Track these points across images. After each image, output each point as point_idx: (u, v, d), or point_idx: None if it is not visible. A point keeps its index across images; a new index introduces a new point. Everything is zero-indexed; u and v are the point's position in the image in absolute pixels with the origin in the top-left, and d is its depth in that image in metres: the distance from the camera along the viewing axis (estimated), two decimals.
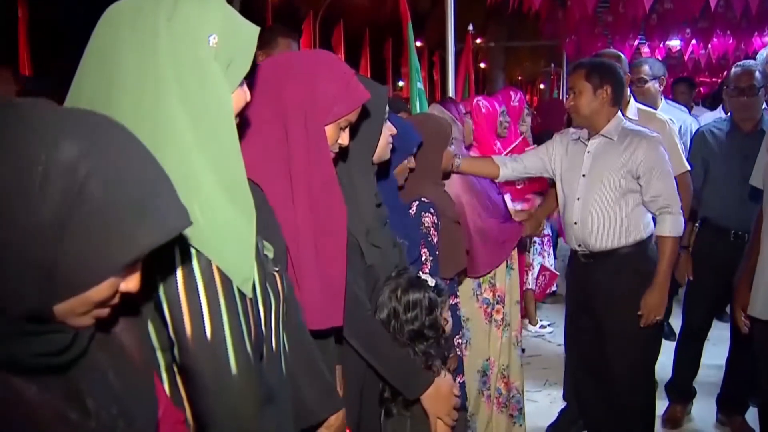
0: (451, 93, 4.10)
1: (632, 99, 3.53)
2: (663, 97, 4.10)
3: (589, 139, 2.96)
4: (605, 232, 2.91)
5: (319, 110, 1.58)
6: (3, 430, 0.84)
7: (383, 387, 1.90)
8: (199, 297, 1.14)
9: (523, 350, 3.45)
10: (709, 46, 8.50)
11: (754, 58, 8.99)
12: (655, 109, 3.66)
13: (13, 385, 0.85)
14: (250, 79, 1.64)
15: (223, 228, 1.17)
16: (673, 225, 2.86)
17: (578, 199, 2.96)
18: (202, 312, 1.14)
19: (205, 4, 1.20)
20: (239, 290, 1.19)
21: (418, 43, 14.26)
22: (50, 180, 0.78)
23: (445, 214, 2.49)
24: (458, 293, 2.70)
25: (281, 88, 1.59)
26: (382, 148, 1.90)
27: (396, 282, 1.88)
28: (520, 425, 3.22)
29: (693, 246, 3.59)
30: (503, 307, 3.15)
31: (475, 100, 3.62)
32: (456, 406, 1.89)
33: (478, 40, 16.24)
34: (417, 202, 2.34)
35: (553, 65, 17.17)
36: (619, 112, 2.95)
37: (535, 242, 4.81)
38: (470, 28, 5.83)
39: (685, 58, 9.32)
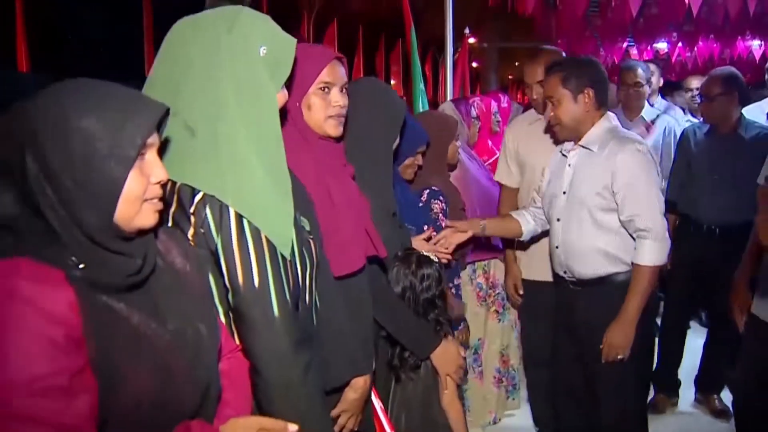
0: (449, 93, 4.35)
1: None
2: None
3: (570, 151, 2.61)
4: (590, 259, 2.55)
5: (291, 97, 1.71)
6: (112, 337, 1.11)
7: (391, 355, 2.15)
8: (249, 254, 1.42)
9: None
10: (695, 49, 8.77)
11: (740, 62, 9.24)
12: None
13: (114, 306, 1.14)
14: None
15: (269, 204, 1.45)
16: (651, 252, 2.46)
17: (558, 220, 2.63)
18: (251, 265, 1.42)
19: (258, 21, 1.48)
20: (281, 253, 1.47)
21: None
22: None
23: (453, 202, 2.75)
24: (461, 275, 2.95)
25: None
26: None
27: (407, 260, 2.14)
28: (513, 399, 3.51)
29: (672, 238, 3.82)
30: (494, 291, 3.40)
31: (471, 101, 3.85)
32: (462, 367, 2.14)
33: (471, 40, 16.47)
34: (428, 191, 2.60)
35: None
36: (607, 115, 2.59)
37: None
38: (467, 30, 6.06)
39: (672, 60, 9.59)
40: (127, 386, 1.11)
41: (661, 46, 9.30)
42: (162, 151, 1.34)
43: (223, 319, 1.48)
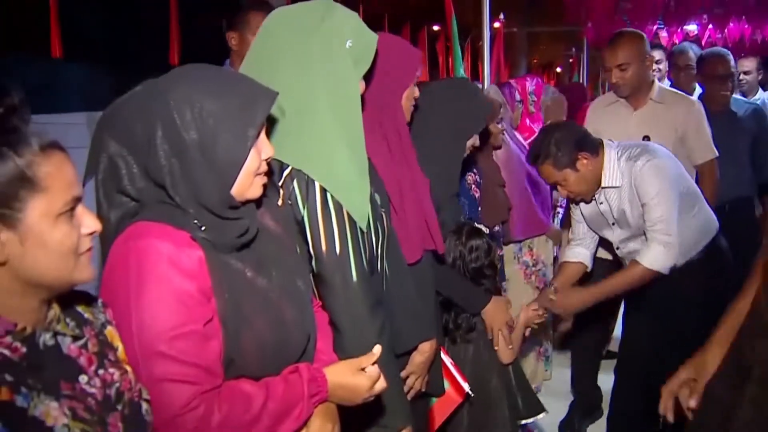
0: (486, 78, 4.47)
1: (656, 81, 3.35)
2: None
3: (595, 195, 2.66)
4: None
5: (388, 88, 1.90)
6: (234, 290, 1.30)
7: (446, 320, 2.34)
8: (332, 225, 1.61)
9: None
10: (725, 30, 8.76)
11: None
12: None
13: (231, 263, 1.32)
14: None
15: (350, 181, 1.63)
16: (655, 257, 2.50)
17: (617, 248, 2.74)
18: (334, 234, 1.61)
19: (346, 17, 1.66)
20: (359, 225, 1.65)
21: (436, 28, 14.58)
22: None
23: (491, 177, 2.92)
24: (502, 249, 3.13)
25: None
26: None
27: (458, 231, 2.32)
28: (546, 370, 3.73)
29: None
30: (536, 268, 3.57)
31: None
32: (510, 324, 2.33)
33: (496, 25, 16.47)
34: None
35: (574, 50, 17.34)
36: (607, 148, 2.59)
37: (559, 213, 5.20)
38: (501, 16, 6.18)
39: (702, 42, 9.56)
40: (249, 333, 1.30)
41: (691, 28, 9.28)
42: None
43: None
